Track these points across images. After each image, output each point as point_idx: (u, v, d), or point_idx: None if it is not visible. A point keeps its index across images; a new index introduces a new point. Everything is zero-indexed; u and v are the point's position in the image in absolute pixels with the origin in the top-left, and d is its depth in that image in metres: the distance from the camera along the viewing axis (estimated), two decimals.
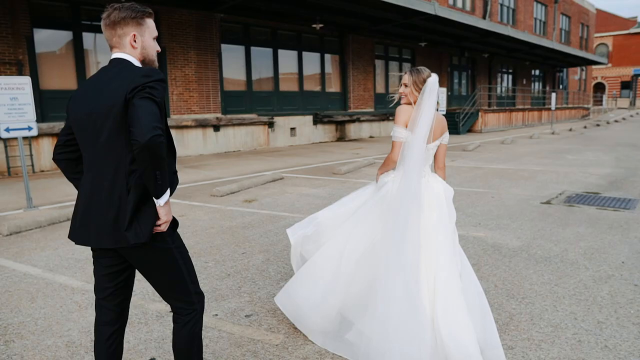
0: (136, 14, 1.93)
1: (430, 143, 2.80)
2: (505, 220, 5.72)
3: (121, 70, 1.88)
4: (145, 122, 1.70)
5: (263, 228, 5.54)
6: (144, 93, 1.76)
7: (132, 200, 1.83)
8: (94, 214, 1.87)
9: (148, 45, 1.98)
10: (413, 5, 14.75)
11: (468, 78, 25.87)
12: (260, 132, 15.04)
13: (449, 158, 11.94)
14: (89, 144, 1.89)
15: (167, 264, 1.97)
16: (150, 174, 1.76)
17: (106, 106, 1.81)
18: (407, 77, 2.85)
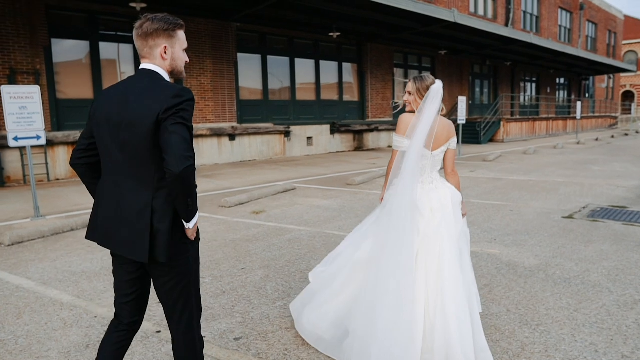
0: (168, 26, 1.95)
1: (436, 150, 2.78)
2: (522, 236, 5.39)
3: (152, 85, 1.90)
4: (179, 151, 1.75)
5: (267, 241, 5.34)
6: (177, 118, 1.80)
7: (165, 218, 1.87)
8: (119, 223, 1.91)
9: (178, 57, 2.01)
10: (432, 13, 14.50)
11: (490, 86, 25.36)
12: (276, 142, 14.93)
13: (468, 168, 11.58)
14: (113, 151, 1.92)
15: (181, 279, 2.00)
16: (182, 200, 1.82)
17: (136, 120, 1.84)
18: (411, 85, 2.85)
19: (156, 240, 1.87)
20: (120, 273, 2.07)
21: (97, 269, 4.53)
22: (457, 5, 20.44)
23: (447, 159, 2.89)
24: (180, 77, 2.09)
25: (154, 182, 1.88)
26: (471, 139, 19.77)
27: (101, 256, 4.91)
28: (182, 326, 2.06)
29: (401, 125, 2.82)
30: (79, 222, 6.10)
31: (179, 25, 2.00)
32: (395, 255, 2.59)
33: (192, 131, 1.86)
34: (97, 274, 4.37)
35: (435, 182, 2.83)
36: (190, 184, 1.80)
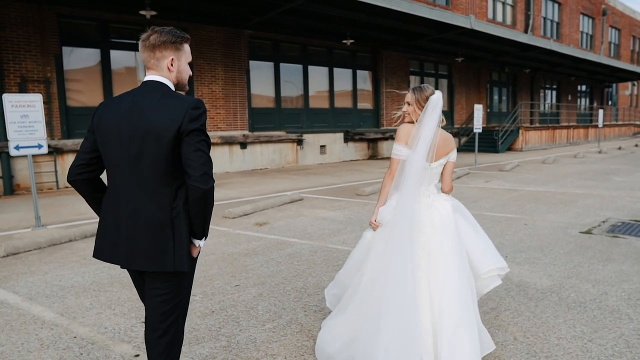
0: (176, 38, 1.98)
1: (434, 162, 2.75)
2: (536, 252, 5.07)
3: (165, 96, 1.90)
4: (206, 169, 1.81)
5: (266, 256, 5.12)
6: (200, 134, 1.84)
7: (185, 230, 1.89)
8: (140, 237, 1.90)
9: (183, 70, 2.04)
10: (448, 19, 14.22)
11: (508, 94, 24.85)
12: (288, 150, 14.77)
13: (483, 179, 11.22)
14: (123, 165, 1.90)
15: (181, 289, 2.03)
16: (202, 217, 1.88)
17: (155, 131, 1.83)
18: (409, 96, 2.82)
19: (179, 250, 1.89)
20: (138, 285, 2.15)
21: (88, 283, 4.38)
22: (474, 12, 20.10)
23: (446, 172, 2.85)
24: (184, 90, 2.10)
25: (171, 193, 1.89)
26: (488, 148, 19.32)
27: (94, 269, 4.76)
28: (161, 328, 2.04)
29: (401, 133, 2.77)
30: (77, 233, 5.99)
31: (185, 39, 2.03)
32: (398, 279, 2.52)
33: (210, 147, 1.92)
34: (86, 289, 4.21)
35: (432, 195, 2.80)
36: (213, 200, 1.88)
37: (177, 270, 1.91)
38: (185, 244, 1.91)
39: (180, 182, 1.89)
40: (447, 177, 2.86)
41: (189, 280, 2.08)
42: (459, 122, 21.16)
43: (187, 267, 1.93)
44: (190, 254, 1.94)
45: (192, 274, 2.11)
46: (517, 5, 23.10)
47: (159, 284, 1.99)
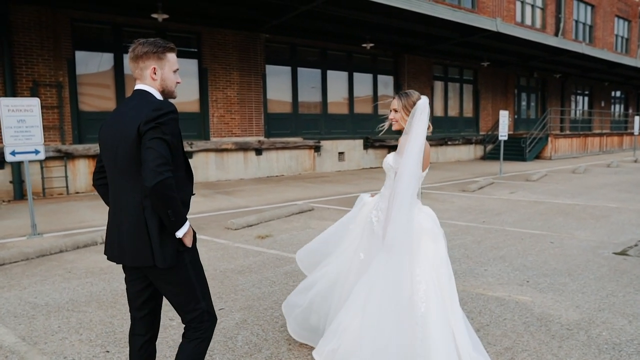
0: (157, 48, 2.06)
1: (424, 170, 2.73)
2: (562, 277, 4.49)
3: (139, 101, 2.02)
4: (153, 166, 1.85)
5: (261, 274, 4.71)
6: (156, 132, 1.89)
7: (154, 226, 1.97)
8: (124, 236, 2.04)
9: (167, 78, 2.11)
10: (472, 22, 13.64)
11: (537, 100, 23.89)
12: (305, 157, 14.38)
13: (508, 189, 10.56)
14: (113, 170, 2.06)
15: (181, 282, 2.08)
16: (163, 213, 1.92)
17: (124, 136, 1.96)
18: (396, 102, 2.76)
19: (151, 246, 1.97)
20: (130, 284, 2.21)
21: (64, 301, 4.05)
22: (502, 15, 19.36)
23: None
24: (172, 97, 2.16)
25: (142, 192, 1.97)
26: (515, 156, 18.50)
27: (75, 285, 4.44)
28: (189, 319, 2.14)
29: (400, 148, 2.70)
30: (69, 243, 5.71)
31: (168, 48, 2.10)
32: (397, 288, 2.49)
33: (173, 144, 1.96)
34: (59, 309, 3.88)
35: (418, 203, 2.77)
36: (166, 196, 1.89)
37: (158, 265, 1.97)
38: (154, 240, 1.97)
39: None
40: None
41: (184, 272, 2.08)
42: (485, 129, 20.40)
43: (162, 263, 1.97)
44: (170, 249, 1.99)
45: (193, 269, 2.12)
46: (547, 8, 22.21)
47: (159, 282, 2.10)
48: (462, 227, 6.70)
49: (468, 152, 19.60)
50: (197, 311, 2.12)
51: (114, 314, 3.77)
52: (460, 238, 6.09)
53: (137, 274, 2.16)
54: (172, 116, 1.95)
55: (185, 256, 2.05)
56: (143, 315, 2.23)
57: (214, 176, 12.41)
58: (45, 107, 10.08)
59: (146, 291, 2.19)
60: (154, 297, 2.24)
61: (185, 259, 2.06)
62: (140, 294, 2.20)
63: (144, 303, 2.21)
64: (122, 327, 3.50)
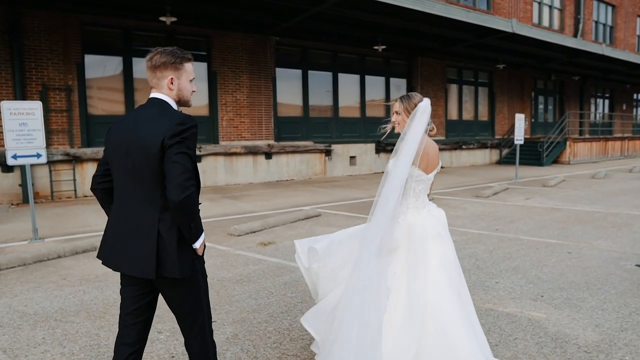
0: (175, 59, 2.07)
1: (430, 173, 2.68)
2: (580, 291, 4.19)
3: (160, 112, 2.02)
4: (180, 180, 1.86)
5: (259, 284, 4.50)
6: (181, 147, 1.91)
7: (172, 238, 1.97)
8: (129, 244, 2.01)
9: (184, 88, 2.12)
10: (487, 23, 13.31)
11: (555, 103, 23.33)
12: (316, 161, 14.18)
13: (523, 195, 10.20)
14: (122, 176, 2.04)
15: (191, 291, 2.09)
16: (186, 225, 1.95)
17: (144, 146, 1.94)
18: (397, 105, 2.73)
19: (166, 257, 1.95)
20: (127, 290, 2.16)
21: (53, 310, 3.90)
22: (518, 17, 18.95)
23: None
24: (187, 106, 2.18)
25: (160, 204, 1.97)
26: (532, 161, 18.03)
27: (67, 293, 4.29)
28: (193, 334, 2.16)
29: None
30: (68, 249, 5.59)
31: (185, 58, 2.11)
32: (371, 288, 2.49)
33: (194, 158, 2.00)
34: (47, 318, 3.72)
35: (427, 206, 2.72)
36: (190, 211, 1.93)
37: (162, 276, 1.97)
38: (169, 251, 1.96)
39: None
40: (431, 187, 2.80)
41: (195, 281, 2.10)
42: (500, 133, 19.96)
43: (179, 274, 1.97)
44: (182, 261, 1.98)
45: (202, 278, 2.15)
46: (566, 9, 21.70)
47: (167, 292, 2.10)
48: (473, 236, 6.41)
49: (483, 157, 19.19)
50: (199, 322, 2.14)
51: (101, 325, 3.60)
52: (472, 247, 5.81)
53: (137, 280, 2.12)
54: (194, 130, 1.99)
55: (197, 265, 2.09)
56: (134, 323, 2.17)
57: (222, 180, 12.28)
58: (54, 110, 10.07)
59: (143, 298, 2.16)
60: (149, 306, 2.20)
61: (196, 268, 2.09)
62: (135, 299, 2.16)
63: (137, 310, 2.16)
64: (107, 340, 3.33)
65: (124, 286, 2.18)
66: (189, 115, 2.03)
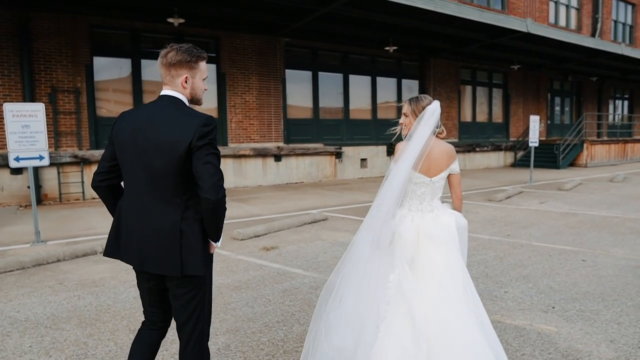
0: (191, 57, 2.05)
1: (436, 176, 2.61)
2: (595, 302, 3.96)
3: (179, 112, 2.01)
4: (215, 180, 1.90)
5: (257, 291, 4.36)
6: (210, 148, 1.93)
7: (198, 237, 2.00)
8: (148, 242, 2.01)
9: (197, 87, 2.12)
10: (501, 22, 13.02)
11: (572, 105, 22.82)
12: (326, 163, 14.02)
13: (537, 199, 9.91)
14: (138, 174, 2.00)
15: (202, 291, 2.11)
16: (214, 224, 2.00)
17: (168, 145, 1.93)
18: (406, 107, 2.70)
19: (189, 255, 1.98)
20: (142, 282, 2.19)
21: (45, 316, 3.80)
22: (534, 16, 18.56)
23: (453, 186, 2.70)
24: (199, 104, 2.19)
25: (182, 203, 1.99)
26: (548, 163, 17.62)
27: (62, 298, 4.20)
28: (192, 341, 2.13)
29: (396, 153, 2.63)
30: (67, 253, 5.51)
31: (201, 57, 2.09)
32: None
33: (220, 158, 2.01)
34: (37, 325, 3.63)
35: (436, 209, 2.63)
36: (224, 210, 1.98)
37: (185, 274, 1.99)
38: (195, 249, 1.99)
39: (191, 194, 1.99)
40: (456, 190, 2.69)
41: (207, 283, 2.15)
42: (515, 135, 19.56)
43: (199, 271, 2.00)
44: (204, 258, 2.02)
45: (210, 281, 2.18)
46: (583, 8, 21.22)
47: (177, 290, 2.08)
48: (484, 242, 6.19)
49: (497, 159, 18.83)
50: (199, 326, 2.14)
51: (91, 332, 3.49)
52: (481, 254, 5.59)
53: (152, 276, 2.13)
54: (216, 131, 2.02)
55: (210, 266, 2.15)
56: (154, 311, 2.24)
57: (231, 182, 12.19)
58: (63, 112, 10.09)
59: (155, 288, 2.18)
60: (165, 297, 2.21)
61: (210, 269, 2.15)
62: (150, 290, 2.19)
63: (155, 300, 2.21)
64: (94, 350, 3.21)
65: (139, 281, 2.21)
66: (210, 116, 2.04)
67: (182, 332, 2.14)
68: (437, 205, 2.66)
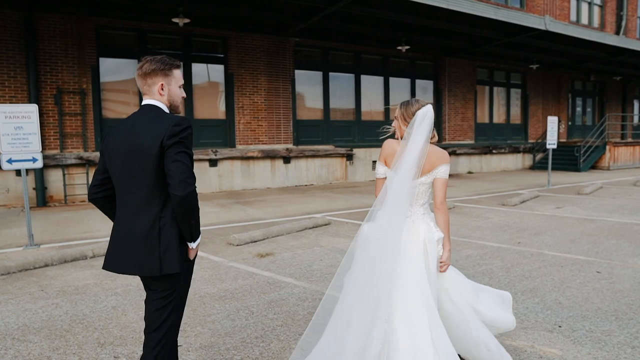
0: (164, 66, 2.19)
1: (416, 179, 2.54)
2: (607, 322, 3.59)
3: (155, 116, 2.13)
4: (183, 177, 1.99)
5: (242, 302, 4.11)
6: (180, 147, 2.03)
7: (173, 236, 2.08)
8: (131, 245, 2.10)
9: (174, 93, 2.24)
10: (517, 20, 12.55)
11: (594, 105, 22.05)
12: (337, 165, 13.74)
13: (554, 203, 9.45)
14: (124, 180, 2.12)
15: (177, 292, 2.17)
16: (186, 222, 2.06)
17: (142, 149, 2.05)
18: (397, 110, 2.69)
19: (166, 253, 2.05)
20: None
21: (15, 327, 3.62)
22: (554, 14, 17.97)
23: (435, 190, 2.59)
24: (177, 112, 2.26)
25: (160, 203, 2.07)
26: (568, 166, 17.00)
27: (39, 307, 4.02)
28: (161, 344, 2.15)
29: (382, 151, 2.66)
30: (56, 257, 5.36)
31: (174, 65, 2.22)
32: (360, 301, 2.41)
33: (192, 158, 2.10)
34: (4, 336, 3.45)
35: (413, 216, 2.58)
36: (193, 206, 2.04)
37: (163, 273, 2.05)
38: (172, 249, 2.06)
39: (167, 194, 2.06)
40: (437, 194, 2.57)
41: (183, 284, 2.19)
42: (534, 137, 18.96)
43: (176, 269, 2.06)
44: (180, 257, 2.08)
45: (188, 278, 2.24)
46: (607, 6, 20.47)
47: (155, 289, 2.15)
48: (492, 250, 5.82)
49: (515, 162, 18.26)
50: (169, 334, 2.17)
51: (58, 346, 3.29)
52: (488, 263, 5.24)
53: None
54: (190, 131, 2.09)
55: (189, 268, 2.20)
56: None
57: (239, 185, 12.02)
58: (69, 114, 10.05)
59: None
60: None
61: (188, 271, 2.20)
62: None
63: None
64: None
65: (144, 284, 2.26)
66: (185, 117, 2.17)
67: (151, 338, 2.15)
68: (417, 211, 2.58)
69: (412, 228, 2.54)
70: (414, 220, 2.57)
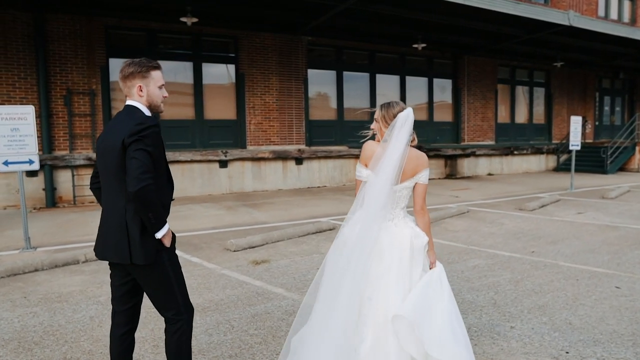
0: (141, 68, 2.31)
1: (399, 184, 2.53)
2: (623, 347, 3.21)
3: (126, 116, 2.28)
4: (136, 174, 2.09)
5: (224, 315, 3.87)
6: (138, 144, 2.14)
7: (136, 227, 2.20)
8: (108, 234, 2.28)
9: (152, 94, 2.34)
10: (539, 15, 12.04)
11: (624, 104, 21.11)
12: (350, 167, 13.42)
13: (575, 208, 8.94)
14: (103, 176, 2.33)
15: (160, 279, 2.29)
16: (144, 215, 2.16)
17: (112, 146, 2.21)
18: (377, 112, 2.68)
19: (132, 245, 2.20)
20: (113, 277, 2.43)
21: None
22: (581, 10, 17.22)
23: (415, 195, 2.60)
24: (158, 111, 2.40)
25: (125, 196, 2.20)
26: (594, 168, 16.28)
27: (16, 315, 3.87)
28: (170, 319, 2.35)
29: (363, 153, 2.64)
30: (47, 262, 5.24)
31: (152, 67, 2.34)
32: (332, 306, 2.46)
33: (156, 153, 2.21)
34: None
35: (395, 219, 2.58)
36: (146, 201, 2.12)
37: (134, 263, 2.20)
38: (134, 239, 2.19)
39: None
40: (417, 200, 2.58)
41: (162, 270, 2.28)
42: (559, 137, 18.24)
43: (141, 261, 2.19)
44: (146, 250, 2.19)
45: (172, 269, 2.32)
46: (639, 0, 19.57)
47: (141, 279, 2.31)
48: (502, 260, 5.45)
49: (538, 163, 17.60)
50: (174, 309, 2.32)
51: None
52: (495, 275, 4.87)
53: (118, 269, 2.36)
54: (153, 130, 2.19)
55: (164, 255, 2.26)
56: (124, 309, 2.42)
57: (250, 186, 11.84)
58: (78, 115, 10.04)
59: (125, 285, 2.39)
60: (134, 292, 2.42)
61: (164, 257, 2.27)
62: (120, 287, 2.40)
63: (123, 296, 2.40)
64: None
65: (110, 275, 2.43)
66: (151, 117, 2.29)
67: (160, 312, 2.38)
68: (398, 215, 2.58)
69: (396, 231, 2.52)
70: (397, 223, 2.56)
